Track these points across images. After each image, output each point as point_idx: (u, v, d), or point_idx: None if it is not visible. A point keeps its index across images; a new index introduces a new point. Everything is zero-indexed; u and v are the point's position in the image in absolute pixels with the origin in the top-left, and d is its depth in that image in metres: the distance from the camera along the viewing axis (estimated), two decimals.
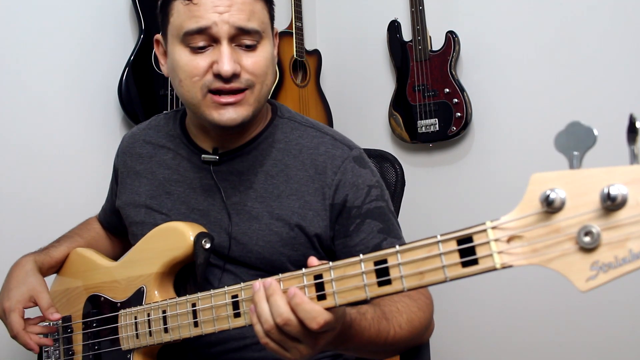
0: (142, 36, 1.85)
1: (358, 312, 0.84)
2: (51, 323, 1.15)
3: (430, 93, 2.20)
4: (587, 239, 0.51)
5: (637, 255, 0.49)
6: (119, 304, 1.09)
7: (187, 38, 0.98)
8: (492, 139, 2.17)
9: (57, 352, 1.18)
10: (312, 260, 0.77)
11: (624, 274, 0.50)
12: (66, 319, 1.19)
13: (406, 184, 1.34)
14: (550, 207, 0.53)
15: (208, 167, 1.10)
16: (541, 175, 0.55)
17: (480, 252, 0.59)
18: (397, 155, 1.40)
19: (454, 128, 2.15)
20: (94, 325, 1.12)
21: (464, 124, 2.14)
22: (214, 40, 0.98)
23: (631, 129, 0.51)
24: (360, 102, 2.53)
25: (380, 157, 1.35)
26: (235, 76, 0.97)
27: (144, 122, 1.27)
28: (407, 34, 2.29)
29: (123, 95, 1.81)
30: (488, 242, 0.58)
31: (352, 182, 1.05)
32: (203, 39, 0.98)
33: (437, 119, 2.19)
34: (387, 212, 1.07)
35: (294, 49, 2.36)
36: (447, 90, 2.16)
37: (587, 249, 0.52)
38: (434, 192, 2.28)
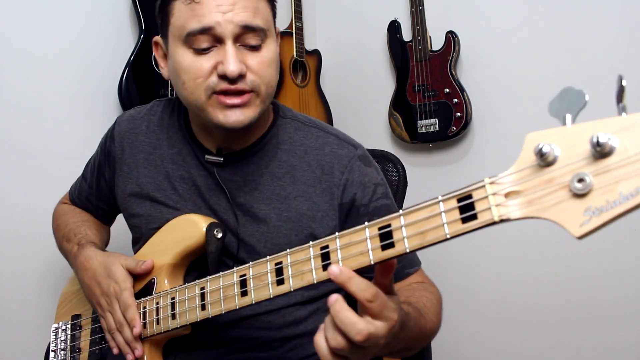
0: (142, 36, 1.84)
1: (406, 312, 0.81)
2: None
3: (430, 93, 2.20)
4: (579, 185, 0.53)
5: (627, 197, 0.50)
6: None
7: (190, 39, 0.94)
8: (492, 139, 2.17)
9: (64, 351, 1.18)
10: None
11: (615, 217, 0.51)
12: (75, 317, 1.19)
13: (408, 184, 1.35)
14: (544, 159, 0.55)
15: (212, 167, 1.08)
16: (535, 134, 0.57)
17: (479, 207, 0.60)
18: (397, 155, 1.41)
19: (454, 128, 2.16)
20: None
21: (464, 124, 2.14)
22: (218, 41, 0.94)
23: (620, 88, 0.53)
24: (360, 102, 2.53)
25: (382, 158, 1.36)
26: (241, 77, 0.94)
27: (143, 106, 1.21)
28: (407, 34, 2.29)
29: (123, 95, 1.81)
30: (487, 197, 0.59)
31: (359, 181, 1.06)
32: (206, 39, 0.94)
33: (437, 119, 2.19)
34: (393, 210, 1.07)
35: (294, 49, 2.36)
36: (447, 90, 2.16)
37: (580, 195, 0.53)
38: (434, 192, 2.23)
